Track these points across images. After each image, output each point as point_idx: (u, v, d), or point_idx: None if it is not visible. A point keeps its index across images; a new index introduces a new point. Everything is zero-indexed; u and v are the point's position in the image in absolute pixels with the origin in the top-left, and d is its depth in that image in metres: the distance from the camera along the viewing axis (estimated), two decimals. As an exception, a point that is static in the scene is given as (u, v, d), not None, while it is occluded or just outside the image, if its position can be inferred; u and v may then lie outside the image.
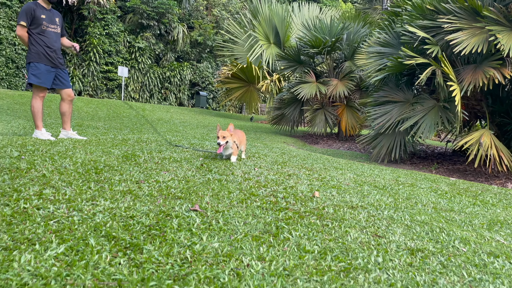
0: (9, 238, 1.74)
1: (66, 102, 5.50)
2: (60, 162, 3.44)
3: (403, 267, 1.84)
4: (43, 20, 5.09)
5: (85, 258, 1.61)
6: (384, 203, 3.17)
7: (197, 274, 1.54)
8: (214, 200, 2.70)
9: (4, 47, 17.72)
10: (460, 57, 6.77)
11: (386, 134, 7.37)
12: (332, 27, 11.80)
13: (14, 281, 1.37)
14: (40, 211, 2.16)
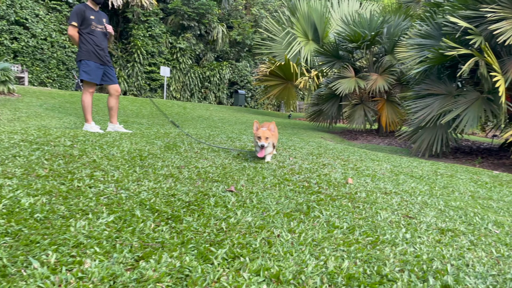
0: (65, 209, 1.95)
1: (113, 97, 5.76)
2: (108, 150, 3.69)
3: (431, 243, 1.88)
4: (92, 20, 5.36)
5: (132, 225, 1.78)
6: (419, 190, 3.18)
7: (231, 240, 1.67)
8: (249, 183, 2.83)
9: (55, 50, 18.77)
10: (505, 48, 6.53)
11: (427, 128, 7.22)
12: (371, 21, 11.63)
13: (71, 240, 1.56)
14: (91, 189, 2.37)
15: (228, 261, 1.49)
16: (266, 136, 3.65)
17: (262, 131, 3.67)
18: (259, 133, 3.68)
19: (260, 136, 3.65)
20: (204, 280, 1.32)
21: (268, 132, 3.70)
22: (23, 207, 1.92)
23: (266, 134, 3.66)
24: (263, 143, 3.61)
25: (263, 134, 3.65)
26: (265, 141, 3.64)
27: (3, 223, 1.69)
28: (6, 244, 1.48)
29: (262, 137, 3.64)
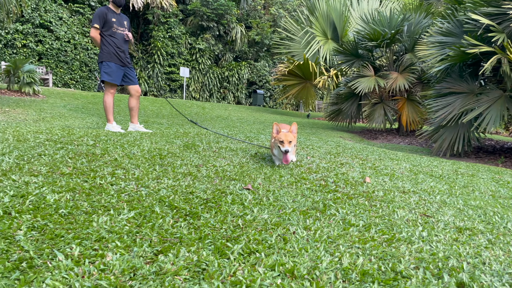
0: (88, 205, 2.02)
1: (134, 98, 5.88)
2: (129, 149, 3.78)
3: (448, 241, 1.87)
4: (113, 23, 5.49)
5: (152, 221, 1.84)
6: (438, 190, 3.15)
7: (247, 236, 1.71)
8: (265, 182, 2.87)
9: (78, 52, 19.21)
10: (530, 44, 6.37)
11: (448, 127, 7.10)
12: (391, 19, 11.51)
13: (93, 234, 1.62)
14: (113, 186, 2.44)
15: (244, 256, 1.53)
16: (289, 140, 3.21)
17: (284, 134, 3.23)
18: (281, 136, 3.24)
19: (283, 140, 3.20)
20: (220, 274, 1.36)
21: (291, 135, 3.29)
22: (48, 203, 2.00)
23: (289, 137, 3.23)
24: (287, 148, 3.14)
25: (286, 137, 3.21)
26: (289, 145, 3.19)
27: (30, 218, 1.77)
28: (33, 238, 1.56)
29: (285, 141, 3.19)
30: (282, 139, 3.23)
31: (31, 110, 9.22)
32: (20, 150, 3.29)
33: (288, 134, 3.28)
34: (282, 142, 3.22)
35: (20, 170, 2.62)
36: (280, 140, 3.25)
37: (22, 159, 2.95)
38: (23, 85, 11.90)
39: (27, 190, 2.18)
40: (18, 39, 17.30)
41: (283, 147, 3.19)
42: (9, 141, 3.73)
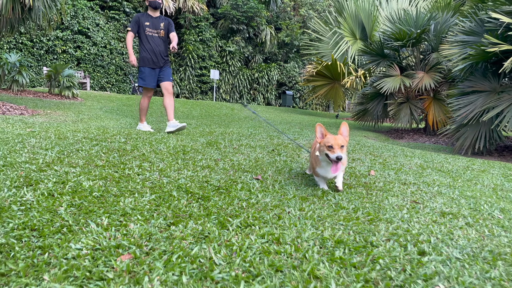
0: (117, 190, 2.38)
1: (166, 96, 5.90)
2: (156, 146, 4.16)
3: (426, 222, 2.11)
4: (146, 26, 5.71)
5: (169, 202, 2.17)
6: (440, 182, 3.34)
7: (247, 214, 2.01)
8: (275, 173, 3.16)
9: (114, 57, 20.11)
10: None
11: (470, 125, 7.14)
12: (418, 18, 11.50)
13: (120, 211, 1.97)
14: (139, 176, 2.80)
15: (241, 228, 1.83)
16: (340, 144, 2.56)
17: (334, 137, 2.59)
18: (329, 140, 2.58)
19: (331, 145, 2.54)
20: (219, 239, 1.67)
21: (342, 138, 2.64)
22: (84, 188, 2.37)
23: (340, 140, 2.58)
24: (340, 154, 2.49)
25: (335, 141, 2.56)
26: (341, 150, 2.54)
27: (69, 198, 2.14)
28: (71, 212, 1.92)
29: (335, 146, 2.53)
30: (331, 143, 2.54)
31: (70, 112, 9.87)
32: (61, 146, 3.72)
33: (339, 137, 2.63)
34: (331, 147, 2.54)
35: (61, 162, 3.03)
36: (328, 145, 2.56)
37: (63, 153, 3.37)
38: (63, 88, 12.69)
39: (66, 178, 2.57)
40: (58, 45, 18.32)
41: (333, 153, 2.51)
42: (51, 138, 4.19)
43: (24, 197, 2.09)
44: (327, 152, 2.58)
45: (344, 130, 2.77)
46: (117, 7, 20.40)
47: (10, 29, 9.15)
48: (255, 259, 1.48)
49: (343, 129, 2.78)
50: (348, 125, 2.77)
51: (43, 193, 2.18)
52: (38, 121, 6.61)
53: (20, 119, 6.62)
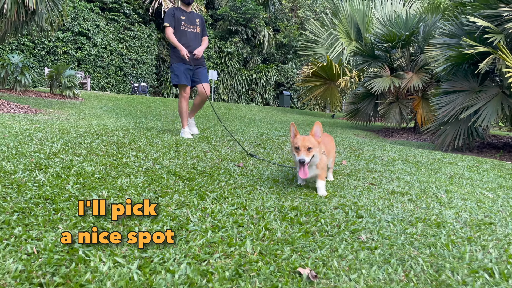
0: (115, 173, 2.78)
1: (199, 96, 5.50)
2: (152, 140, 4.57)
3: (374, 198, 2.51)
4: (182, 21, 5.30)
5: (159, 182, 2.58)
6: (403, 170, 3.74)
7: (223, 190, 2.41)
8: (256, 162, 3.56)
9: (114, 57, 20.52)
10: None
11: (450, 123, 7.54)
12: (408, 20, 11.92)
13: (117, 187, 2.37)
14: (135, 163, 3.21)
15: (217, 199, 2.24)
16: (307, 146, 2.45)
17: (302, 139, 2.49)
18: (297, 141, 2.50)
19: (298, 146, 2.47)
20: (197, 206, 2.07)
21: (311, 139, 2.51)
22: (87, 171, 2.77)
23: (307, 142, 2.47)
24: (303, 157, 2.41)
25: (302, 142, 2.47)
26: (306, 153, 2.44)
27: (74, 179, 2.54)
28: (77, 188, 2.32)
29: (301, 147, 2.45)
30: (298, 144, 2.47)
31: (71, 111, 10.27)
32: (65, 139, 4.12)
33: (307, 138, 2.51)
34: (297, 149, 2.48)
35: (66, 152, 3.43)
36: (295, 146, 2.50)
37: (67, 145, 3.77)
38: (64, 89, 13.08)
39: (71, 164, 2.97)
40: (59, 46, 18.72)
41: (298, 155, 2.45)
42: (56, 133, 4.60)
43: (36, 177, 2.49)
44: (294, 153, 2.51)
45: (316, 130, 2.57)
46: (117, 8, 20.80)
47: (14, 31, 9.54)
48: (223, 218, 1.89)
49: (315, 129, 2.57)
50: (321, 124, 2.57)
51: (52, 175, 2.58)
52: (42, 118, 7.00)
53: (25, 116, 7.01)
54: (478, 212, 2.40)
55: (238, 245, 1.57)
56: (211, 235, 1.67)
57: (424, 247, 1.69)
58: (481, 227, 2.07)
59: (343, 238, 1.74)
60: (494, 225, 2.14)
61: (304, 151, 2.45)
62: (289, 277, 1.33)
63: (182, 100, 5.41)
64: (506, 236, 1.96)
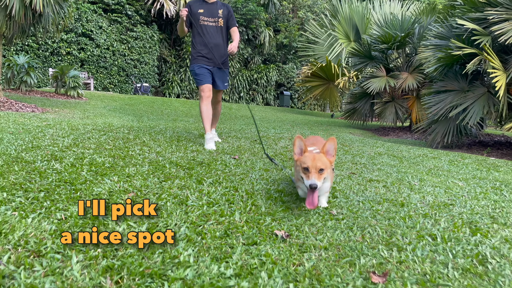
0: (123, 163, 3.12)
1: (213, 103, 4.94)
2: (155, 136, 4.91)
3: (351, 185, 2.84)
4: (199, 15, 4.62)
5: (162, 170, 2.91)
6: (386, 163, 4.07)
7: (219, 177, 2.75)
8: (251, 155, 3.90)
9: (116, 58, 20.88)
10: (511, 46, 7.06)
11: (440, 121, 7.86)
12: (403, 22, 12.25)
13: (125, 174, 2.71)
14: (140, 155, 3.54)
15: (213, 184, 2.57)
16: (319, 167, 1.98)
17: (312, 157, 2.02)
18: (306, 160, 2.02)
19: (307, 167, 1.99)
20: (195, 189, 2.41)
21: (323, 159, 2.05)
22: (97, 162, 3.11)
23: (319, 162, 1.99)
24: (315, 182, 1.94)
25: (313, 162, 1.99)
26: (318, 176, 1.97)
27: (87, 168, 2.87)
28: (91, 174, 2.66)
29: (312, 169, 1.98)
30: (307, 164, 1.99)
31: (76, 110, 10.62)
32: (74, 135, 4.47)
33: (319, 156, 2.05)
34: (306, 170, 1.99)
35: (77, 146, 3.77)
36: (304, 166, 2.01)
37: (77, 140, 4.11)
38: (69, 89, 13.44)
39: (83, 156, 3.31)
40: (63, 47, 19.08)
41: (308, 178, 1.97)
42: (66, 129, 4.94)
43: (54, 166, 2.83)
44: (302, 175, 2.02)
45: (330, 148, 2.13)
46: (119, 10, 21.17)
47: (21, 34, 9.89)
48: (217, 197, 2.23)
49: (329, 146, 2.13)
50: (335, 141, 2.15)
51: (67, 164, 2.92)
52: (50, 117, 7.34)
53: (34, 115, 7.36)
54: (443, 196, 2.73)
55: (228, 215, 1.91)
56: (206, 209, 2.00)
57: (384, 219, 2.03)
58: (441, 207, 2.40)
59: (317, 212, 2.07)
60: (453, 206, 2.47)
61: (315, 174, 1.94)
62: (267, 237, 1.67)
63: (202, 101, 4.65)
64: (460, 213, 2.29)
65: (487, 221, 2.16)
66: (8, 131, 4.41)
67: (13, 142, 3.67)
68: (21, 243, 1.43)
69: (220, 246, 1.55)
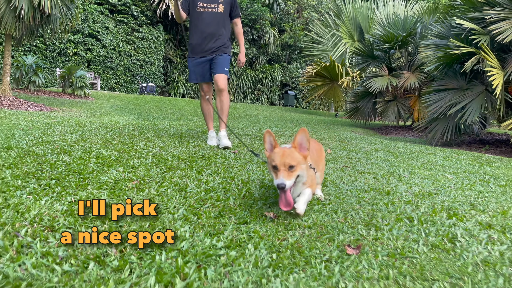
0: (128, 156, 3.30)
1: (216, 94, 4.48)
2: (159, 132, 5.10)
3: (343, 176, 3.00)
4: (197, 1, 4.28)
5: (164, 162, 3.09)
6: (380, 158, 4.22)
7: (218, 168, 2.93)
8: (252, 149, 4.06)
9: (122, 58, 21.15)
10: (510, 45, 7.17)
11: (439, 119, 7.98)
12: (405, 21, 12.37)
13: (130, 166, 2.89)
14: (144, 150, 3.73)
15: (211, 174, 2.75)
16: (288, 163, 1.80)
17: (281, 153, 1.84)
18: (275, 157, 1.85)
19: (276, 164, 1.83)
20: (194, 178, 2.58)
21: (294, 154, 1.85)
22: (104, 155, 3.29)
23: (288, 158, 1.81)
24: (282, 181, 1.77)
25: (282, 159, 1.82)
26: (287, 175, 1.80)
27: (94, 160, 3.06)
28: (98, 165, 2.84)
29: (280, 166, 1.81)
30: (276, 162, 1.82)
31: (83, 109, 10.85)
32: (82, 131, 4.66)
33: (289, 152, 1.85)
34: (275, 168, 1.83)
35: (84, 141, 3.96)
36: (272, 164, 1.85)
37: (84, 136, 4.31)
38: (76, 88, 13.69)
39: (90, 150, 3.50)
40: (70, 47, 19.38)
41: (276, 177, 1.81)
42: (73, 126, 5.14)
43: (63, 159, 3.02)
44: (272, 173, 1.87)
45: (301, 141, 1.89)
46: (125, 11, 21.44)
47: (30, 34, 10.14)
48: (214, 185, 2.40)
49: (300, 139, 1.88)
50: (307, 132, 1.90)
51: (76, 157, 3.11)
52: (58, 115, 7.57)
53: (42, 113, 7.59)
54: (430, 187, 2.88)
55: (223, 200, 2.08)
56: (204, 195, 2.18)
57: (368, 205, 2.19)
58: (425, 196, 2.56)
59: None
60: (437, 195, 2.62)
61: (283, 172, 1.77)
62: (257, 218, 1.84)
63: (202, 100, 4.58)
64: (442, 201, 2.44)
65: (466, 208, 2.31)
66: (19, 127, 4.62)
67: (24, 137, 3.87)
68: (36, 220, 1.62)
69: (213, 224, 1.73)
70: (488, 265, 1.50)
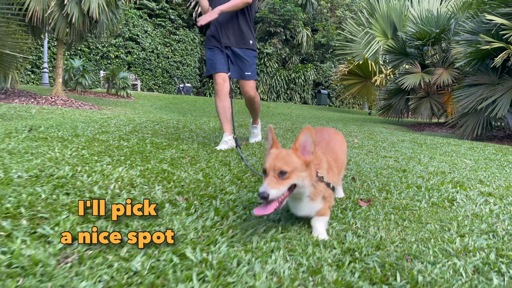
0: (177, 143, 3.80)
1: (244, 97, 4.12)
2: (200, 126, 5.62)
3: (365, 158, 3.37)
4: None
5: (208, 147, 3.57)
6: (404, 147, 4.54)
7: (255, 151, 3.37)
8: (257, 143, 4.49)
9: (161, 60, 22.08)
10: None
11: (470, 114, 8.10)
12: (438, 18, 12.41)
13: (180, 149, 3.38)
14: (189, 138, 4.22)
15: (249, 155, 3.19)
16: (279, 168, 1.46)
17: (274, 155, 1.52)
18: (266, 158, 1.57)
19: (265, 168, 1.50)
20: (235, 157, 3.03)
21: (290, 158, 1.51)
22: (156, 142, 3.81)
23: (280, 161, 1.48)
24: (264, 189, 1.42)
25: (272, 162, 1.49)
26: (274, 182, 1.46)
27: (150, 145, 3.57)
28: (153, 147, 3.35)
29: (269, 170, 1.48)
30: (265, 165, 1.51)
31: (127, 108, 11.62)
32: (133, 124, 5.24)
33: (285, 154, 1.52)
34: (264, 172, 1.52)
35: (137, 132, 4.52)
36: (263, 168, 1.54)
37: (136, 128, 4.87)
38: (119, 89, 14.57)
39: (144, 138, 4.03)
40: (112, 51, 20.46)
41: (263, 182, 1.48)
42: (124, 120, 5.74)
43: (123, 144, 3.55)
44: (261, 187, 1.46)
45: (305, 142, 1.56)
46: (163, 15, 22.37)
47: (79, 39, 10.99)
48: (252, 162, 2.84)
49: (304, 139, 1.56)
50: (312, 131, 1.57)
51: (134, 143, 3.64)
52: (107, 112, 8.27)
53: (93, 111, 8.31)
54: (445, 168, 3.21)
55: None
56: (244, 168, 2.63)
57: (383, 178, 2.57)
58: (438, 174, 2.90)
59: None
60: (450, 173, 2.95)
61: (272, 178, 1.46)
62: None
63: (216, 97, 3.84)
64: (453, 178, 2.78)
65: (473, 183, 2.64)
66: (79, 121, 5.25)
67: (86, 128, 4.46)
68: (119, 180, 2.11)
69: (254, 186, 2.17)
70: (476, 216, 1.86)
